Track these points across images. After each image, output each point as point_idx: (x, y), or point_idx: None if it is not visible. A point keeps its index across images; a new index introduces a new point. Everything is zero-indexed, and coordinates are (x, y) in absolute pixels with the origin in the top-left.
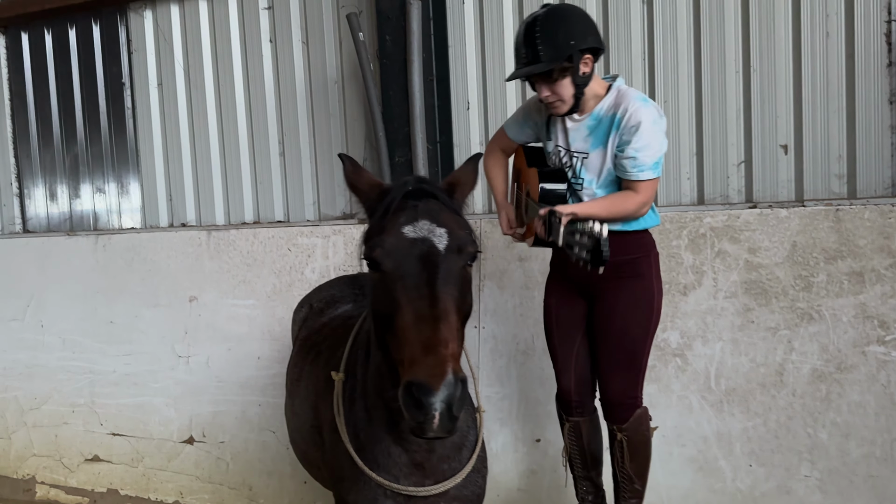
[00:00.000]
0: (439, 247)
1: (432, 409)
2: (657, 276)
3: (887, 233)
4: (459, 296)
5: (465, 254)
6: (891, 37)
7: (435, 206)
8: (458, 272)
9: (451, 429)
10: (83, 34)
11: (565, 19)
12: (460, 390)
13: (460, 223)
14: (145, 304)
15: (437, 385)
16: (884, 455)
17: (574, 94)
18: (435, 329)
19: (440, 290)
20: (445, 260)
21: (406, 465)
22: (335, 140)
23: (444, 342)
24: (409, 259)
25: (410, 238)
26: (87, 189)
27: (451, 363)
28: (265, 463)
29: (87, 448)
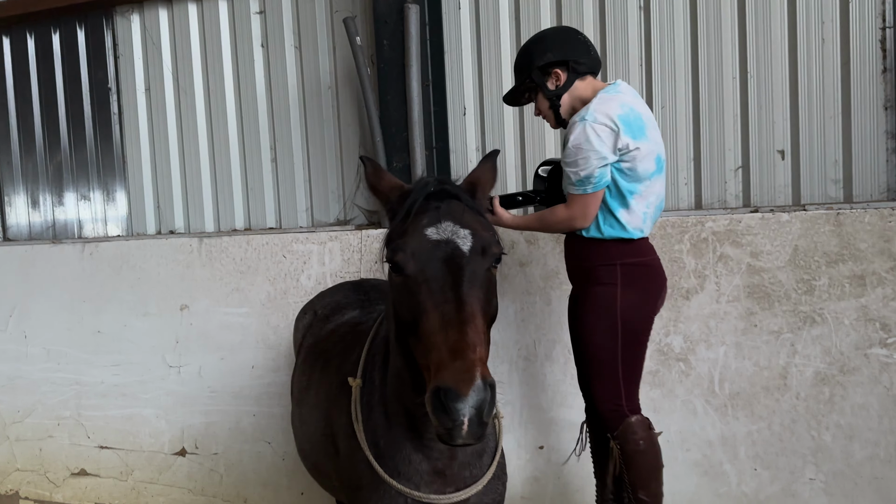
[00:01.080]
0: (463, 248)
1: (461, 414)
2: (626, 285)
3: (887, 236)
4: (485, 298)
5: (489, 255)
6: (885, 43)
7: (457, 207)
8: (483, 274)
9: (481, 435)
10: (67, 38)
11: (537, 42)
12: (490, 395)
13: (483, 224)
14: (134, 313)
15: (465, 390)
16: (888, 456)
17: (549, 107)
18: (462, 333)
19: (466, 292)
20: (470, 262)
21: (427, 473)
22: (328, 146)
23: (472, 346)
24: (434, 262)
25: (434, 240)
26: (71, 197)
27: (479, 367)
28: (260, 474)
29: (74, 462)
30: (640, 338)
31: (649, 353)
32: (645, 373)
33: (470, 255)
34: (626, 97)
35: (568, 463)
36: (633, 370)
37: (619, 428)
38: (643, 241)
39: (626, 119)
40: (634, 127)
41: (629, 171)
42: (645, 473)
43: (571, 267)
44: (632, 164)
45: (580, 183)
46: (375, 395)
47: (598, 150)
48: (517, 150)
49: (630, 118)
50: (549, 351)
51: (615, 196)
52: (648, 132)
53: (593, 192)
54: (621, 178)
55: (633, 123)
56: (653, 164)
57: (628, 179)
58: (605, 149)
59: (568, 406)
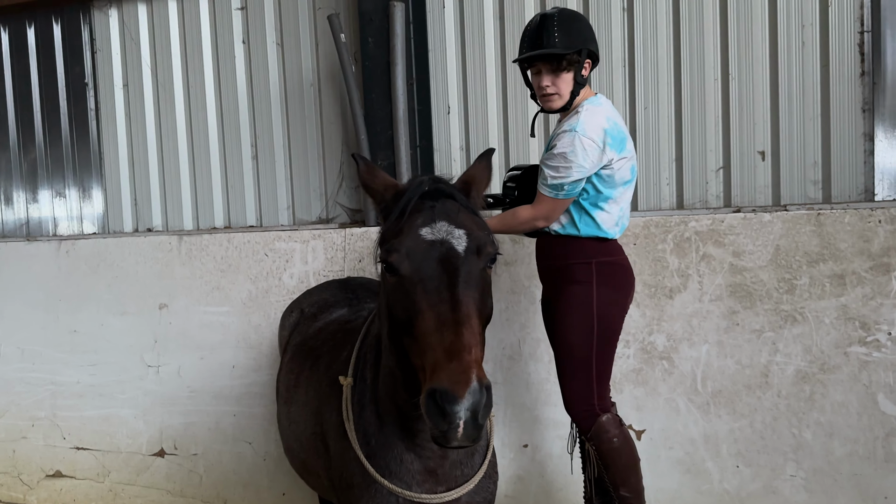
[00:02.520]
0: (458, 249)
1: (457, 417)
2: (601, 283)
3: (867, 236)
4: (481, 299)
5: (484, 255)
6: (864, 47)
7: (452, 206)
8: (478, 274)
9: (476, 437)
10: (43, 32)
11: (579, 20)
12: (486, 397)
13: (478, 223)
14: (112, 312)
15: (461, 392)
16: (866, 453)
17: (571, 92)
18: (457, 334)
19: (461, 293)
20: (466, 262)
21: (419, 472)
22: (311, 143)
23: (468, 348)
24: (428, 262)
25: (428, 240)
26: (45, 194)
27: (475, 369)
28: (240, 475)
29: (49, 463)
30: (613, 336)
31: (633, 351)
32: (628, 371)
33: (465, 255)
34: (609, 110)
35: (552, 461)
36: (604, 369)
37: (591, 429)
38: (615, 242)
39: (611, 132)
40: (618, 140)
41: (608, 178)
42: (623, 470)
43: (544, 267)
44: (612, 172)
45: (554, 187)
46: (367, 393)
47: (581, 164)
48: (501, 149)
49: (614, 132)
50: (534, 350)
51: (592, 199)
52: (627, 144)
53: (564, 198)
54: (600, 183)
55: (617, 137)
56: (629, 173)
57: (606, 185)
58: (588, 163)
59: (552, 404)
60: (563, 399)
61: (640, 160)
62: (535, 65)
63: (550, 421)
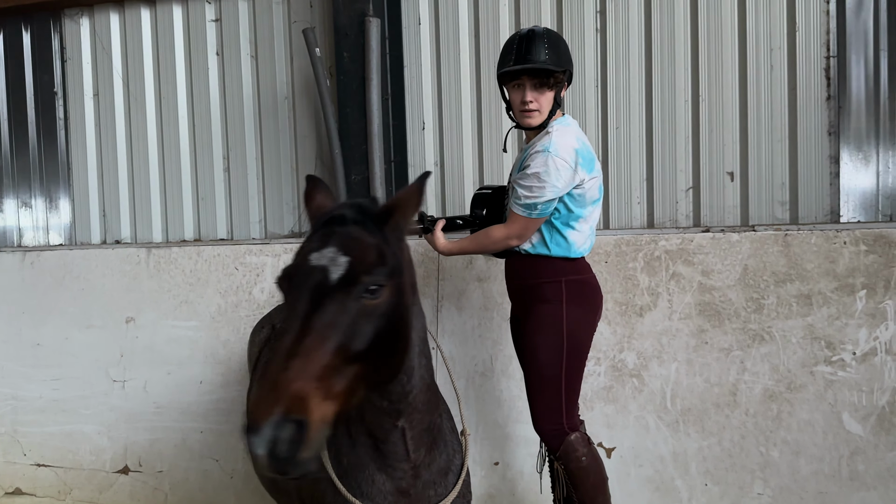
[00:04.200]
0: (332, 276)
1: (254, 447)
2: (571, 301)
3: (832, 257)
4: (344, 331)
5: (359, 285)
6: (829, 72)
7: (355, 232)
8: (348, 304)
9: (287, 470)
10: (11, 40)
11: (563, 40)
12: (292, 433)
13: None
14: (77, 326)
15: (258, 424)
16: (832, 472)
17: (550, 110)
18: (283, 366)
19: (313, 323)
20: (335, 291)
21: (391, 493)
22: (284, 157)
23: (288, 380)
24: (299, 288)
25: (310, 266)
26: (10, 203)
27: (285, 402)
28: (207, 493)
29: (8, 480)
30: (582, 354)
31: (604, 368)
32: (599, 388)
33: (336, 284)
34: (577, 131)
35: (523, 479)
36: (574, 387)
37: (560, 448)
38: (583, 260)
39: (582, 152)
40: (588, 160)
41: (579, 197)
42: (591, 489)
43: (514, 286)
44: (583, 191)
45: (527, 207)
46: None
47: (554, 185)
48: (475, 166)
49: (584, 152)
50: (506, 367)
51: (564, 218)
52: (596, 164)
53: (537, 217)
54: (572, 202)
55: (587, 157)
56: (597, 192)
57: (577, 204)
58: (561, 183)
59: (524, 422)
60: (532, 417)
61: (612, 179)
62: (519, 78)
63: (522, 438)
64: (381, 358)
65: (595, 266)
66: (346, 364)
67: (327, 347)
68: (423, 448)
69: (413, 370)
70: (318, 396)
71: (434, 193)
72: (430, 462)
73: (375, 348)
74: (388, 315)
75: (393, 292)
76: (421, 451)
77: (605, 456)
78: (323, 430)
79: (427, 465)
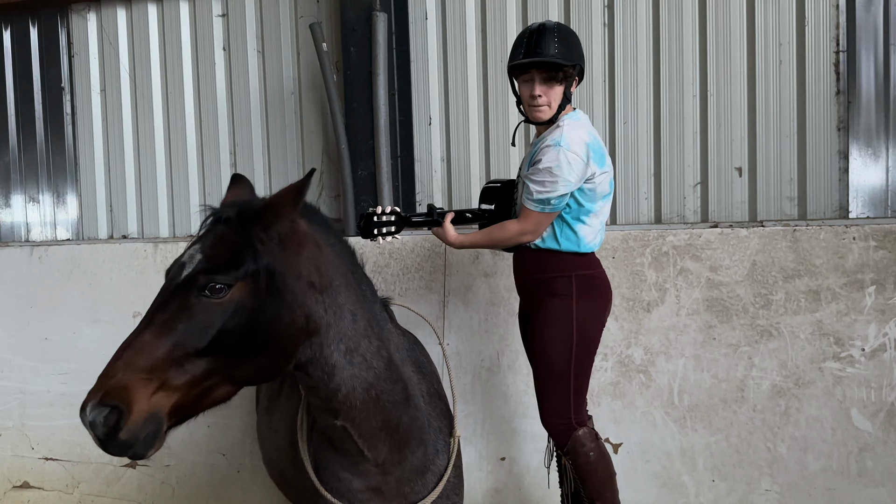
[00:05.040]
0: (183, 273)
1: (86, 426)
2: (581, 296)
3: (841, 253)
4: (180, 328)
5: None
6: (839, 66)
7: (221, 231)
8: (189, 301)
9: (107, 449)
10: (19, 35)
11: (575, 35)
12: (103, 416)
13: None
14: (85, 320)
15: (84, 404)
16: (840, 468)
17: (559, 105)
18: (118, 355)
19: (152, 317)
20: (179, 287)
21: (360, 491)
22: (290, 152)
23: (115, 370)
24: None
25: (176, 263)
26: (18, 198)
27: (104, 390)
28: (214, 487)
29: (16, 474)
30: (591, 349)
31: (611, 364)
32: (606, 384)
33: (182, 281)
34: (588, 125)
35: (529, 474)
36: (582, 382)
37: (567, 443)
38: (593, 255)
39: (593, 147)
40: (598, 155)
41: (589, 192)
42: (599, 484)
43: (523, 281)
44: (594, 186)
45: (540, 202)
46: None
47: (567, 179)
48: (482, 161)
49: (595, 146)
50: (513, 362)
51: (575, 213)
52: (606, 158)
53: (550, 212)
54: (582, 197)
55: (598, 151)
56: (608, 186)
57: (587, 199)
58: (573, 177)
59: (530, 417)
60: (540, 413)
61: (619, 174)
62: (528, 72)
63: (528, 433)
64: (241, 356)
65: (602, 261)
66: (188, 359)
67: (162, 341)
68: (384, 446)
69: (334, 369)
70: (144, 387)
71: (441, 189)
72: (400, 461)
73: (229, 345)
74: (245, 314)
75: (250, 292)
76: (380, 450)
77: (611, 452)
78: (150, 419)
79: (396, 463)
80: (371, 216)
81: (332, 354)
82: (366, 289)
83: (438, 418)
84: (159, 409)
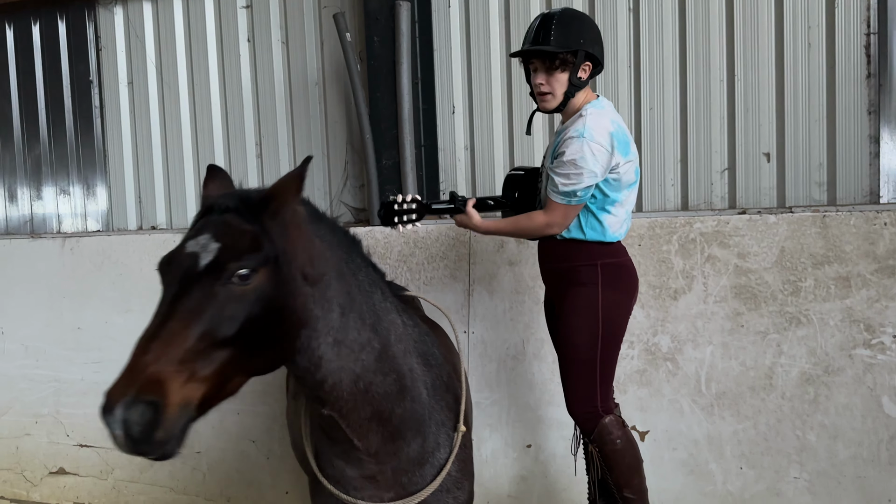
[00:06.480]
0: (200, 263)
1: (109, 427)
2: (607, 285)
3: (872, 238)
4: (207, 315)
5: (225, 271)
6: (870, 49)
7: (230, 220)
8: (214, 290)
9: (142, 450)
10: (48, 30)
11: (581, 20)
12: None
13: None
14: (116, 310)
15: (111, 404)
16: (870, 456)
17: (565, 93)
18: (143, 348)
19: (177, 307)
20: (200, 276)
21: (354, 479)
22: (315, 142)
23: (145, 363)
24: (171, 274)
25: (183, 253)
26: (49, 191)
27: (139, 384)
28: (243, 473)
29: (52, 460)
30: (617, 337)
31: (637, 352)
32: (632, 372)
33: (203, 270)
34: (612, 113)
35: (555, 462)
36: (609, 370)
37: (594, 430)
38: (619, 243)
39: (617, 136)
40: (623, 143)
41: (614, 182)
42: (626, 471)
43: (548, 269)
44: (618, 176)
45: (566, 194)
46: None
47: (592, 170)
48: (506, 149)
49: (620, 135)
50: (538, 350)
51: (600, 203)
52: (631, 147)
53: (576, 204)
54: (607, 187)
55: (622, 140)
56: (633, 175)
57: (612, 189)
58: (598, 168)
59: (556, 405)
60: (566, 401)
61: (645, 161)
62: (532, 62)
63: (554, 421)
64: (258, 344)
65: (629, 249)
66: (214, 349)
67: (191, 331)
68: (376, 437)
69: (321, 360)
70: (177, 380)
71: (465, 177)
72: (395, 451)
73: (249, 334)
74: (264, 301)
75: (269, 279)
76: (371, 440)
77: (638, 439)
78: (183, 413)
79: (391, 453)
80: (391, 204)
81: (320, 346)
82: (363, 279)
83: (442, 411)
84: (191, 401)
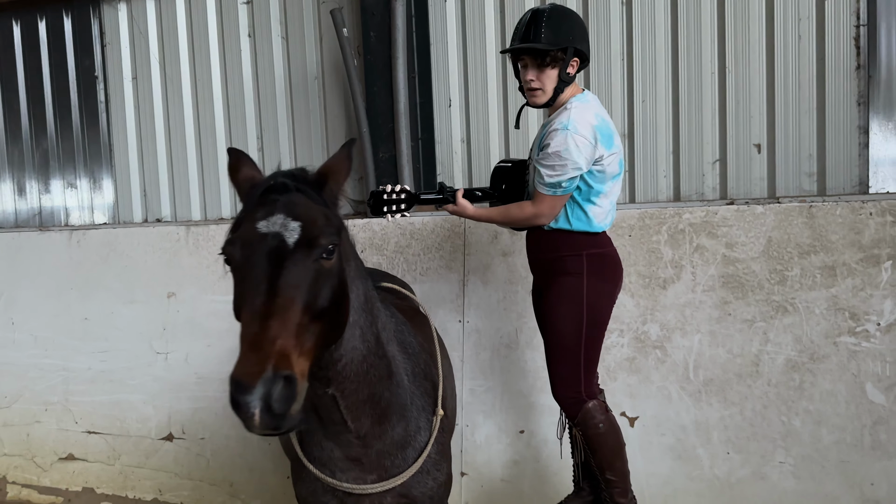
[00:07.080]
0: (289, 241)
1: (249, 407)
2: (592, 274)
3: (858, 228)
4: (308, 290)
5: (318, 247)
6: (859, 41)
7: (297, 199)
8: (309, 266)
9: (278, 425)
10: (54, 26)
11: (570, 18)
12: (281, 387)
13: (322, 215)
14: (121, 301)
15: (252, 382)
16: (854, 441)
17: (555, 88)
18: (263, 326)
19: (280, 284)
20: (294, 254)
21: (341, 460)
22: (315, 136)
23: (270, 338)
24: (256, 254)
25: (262, 233)
26: (57, 184)
27: (273, 359)
28: (246, 459)
29: (61, 447)
30: (601, 325)
31: (627, 340)
32: (622, 359)
33: (295, 248)
34: (597, 107)
35: (547, 446)
36: (592, 357)
37: (578, 415)
38: (604, 234)
39: (601, 129)
40: (606, 136)
41: (598, 174)
42: (609, 454)
43: (536, 259)
44: (602, 168)
45: (551, 185)
46: None
47: (575, 161)
48: (501, 142)
49: (603, 128)
50: (531, 338)
51: (585, 194)
52: (615, 139)
53: (562, 194)
54: (591, 179)
55: (605, 133)
56: (617, 167)
57: (597, 181)
58: (581, 160)
59: (548, 392)
60: (552, 385)
61: (638, 152)
62: (522, 58)
63: (546, 407)
64: (334, 316)
65: (619, 240)
66: (312, 322)
67: (297, 306)
68: (367, 419)
69: (343, 339)
70: (297, 352)
71: (461, 169)
72: (381, 434)
73: (332, 307)
74: (339, 275)
75: (339, 254)
76: (363, 422)
77: (628, 425)
78: (305, 384)
79: (377, 436)
80: (381, 194)
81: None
82: (360, 264)
83: (422, 397)
84: (306, 374)
